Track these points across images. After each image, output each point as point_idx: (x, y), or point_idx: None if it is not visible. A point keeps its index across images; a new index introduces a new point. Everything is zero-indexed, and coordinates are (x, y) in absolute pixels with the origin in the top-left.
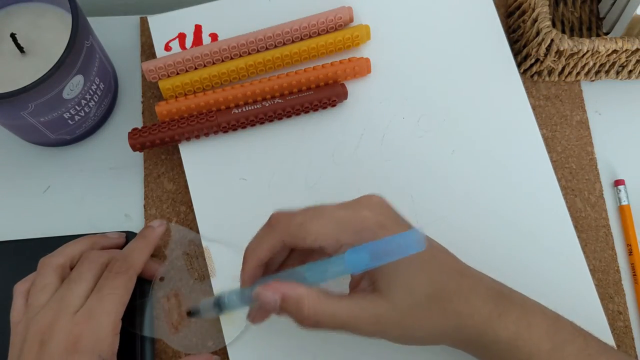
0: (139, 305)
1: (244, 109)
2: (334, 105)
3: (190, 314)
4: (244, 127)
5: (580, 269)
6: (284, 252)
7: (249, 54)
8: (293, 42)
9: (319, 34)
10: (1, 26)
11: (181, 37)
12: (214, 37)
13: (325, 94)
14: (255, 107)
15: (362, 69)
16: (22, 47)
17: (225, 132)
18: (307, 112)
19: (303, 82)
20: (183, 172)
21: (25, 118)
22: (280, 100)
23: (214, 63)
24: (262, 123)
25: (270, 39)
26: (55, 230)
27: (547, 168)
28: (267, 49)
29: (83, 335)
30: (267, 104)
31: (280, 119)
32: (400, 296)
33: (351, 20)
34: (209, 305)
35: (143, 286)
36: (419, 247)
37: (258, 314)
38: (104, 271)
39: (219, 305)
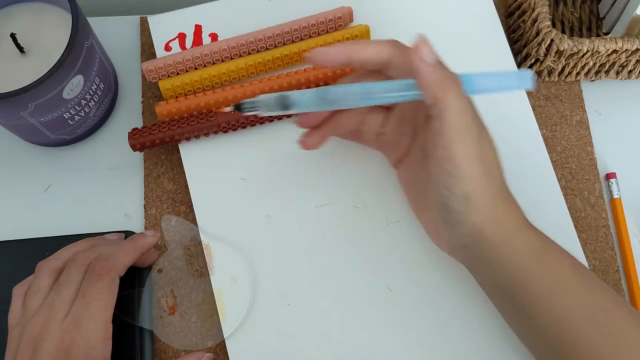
0: (137, 294)
1: None
2: None
3: (240, 107)
4: (244, 127)
5: None
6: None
7: (249, 54)
8: (293, 42)
9: (319, 34)
10: (1, 26)
11: (181, 37)
12: (214, 37)
13: None
14: None
15: None
16: (22, 47)
17: (225, 132)
18: None
19: (303, 82)
20: (183, 172)
21: (25, 118)
22: None
23: (214, 63)
24: (262, 123)
25: (270, 39)
26: (55, 230)
27: (547, 168)
28: (267, 49)
29: (74, 343)
30: None
31: (280, 118)
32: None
33: (351, 20)
34: (269, 101)
35: (142, 275)
36: (528, 84)
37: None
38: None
39: (285, 101)
